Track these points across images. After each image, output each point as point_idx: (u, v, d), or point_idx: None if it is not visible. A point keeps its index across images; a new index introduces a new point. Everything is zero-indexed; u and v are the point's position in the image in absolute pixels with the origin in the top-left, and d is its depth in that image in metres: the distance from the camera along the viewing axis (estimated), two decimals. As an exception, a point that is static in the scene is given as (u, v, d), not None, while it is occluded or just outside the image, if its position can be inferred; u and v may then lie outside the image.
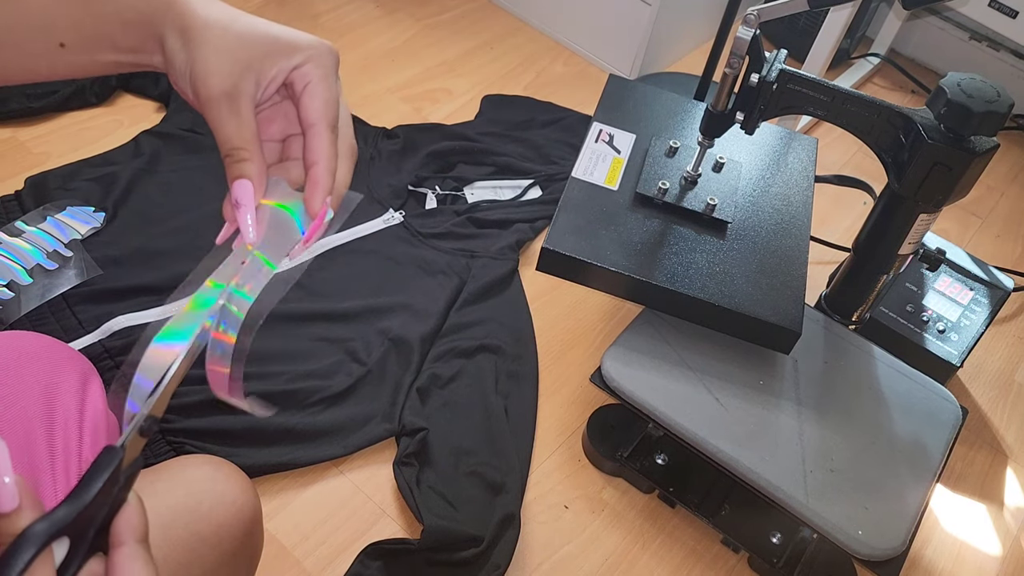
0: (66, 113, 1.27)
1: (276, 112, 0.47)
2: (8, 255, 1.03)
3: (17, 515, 0.33)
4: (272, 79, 0.44)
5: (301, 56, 0.44)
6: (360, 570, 0.86)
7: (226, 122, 0.42)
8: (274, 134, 0.48)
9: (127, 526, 0.36)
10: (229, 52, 0.42)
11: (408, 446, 0.94)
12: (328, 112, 0.45)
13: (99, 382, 0.58)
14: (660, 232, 0.97)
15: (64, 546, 0.34)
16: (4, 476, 0.33)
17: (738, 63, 0.89)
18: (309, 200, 0.44)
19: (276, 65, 0.43)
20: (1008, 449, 1.13)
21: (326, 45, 0.45)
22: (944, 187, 0.90)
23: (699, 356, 0.95)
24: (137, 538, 0.36)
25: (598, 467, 1.01)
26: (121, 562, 0.35)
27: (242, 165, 0.43)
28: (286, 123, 0.48)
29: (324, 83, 0.45)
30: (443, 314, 1.08)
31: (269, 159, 0.47)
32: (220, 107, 0.42)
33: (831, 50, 1.41)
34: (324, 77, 0.45)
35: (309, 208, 0.44)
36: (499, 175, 1.31)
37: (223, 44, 0.42)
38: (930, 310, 1.13)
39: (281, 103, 0.47)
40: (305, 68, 0.44)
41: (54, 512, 0.33)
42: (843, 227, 1.39)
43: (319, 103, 0.44)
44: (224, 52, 0.42)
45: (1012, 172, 1.59)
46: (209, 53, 0.42)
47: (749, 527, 0.93)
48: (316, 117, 0.44)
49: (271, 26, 0.44)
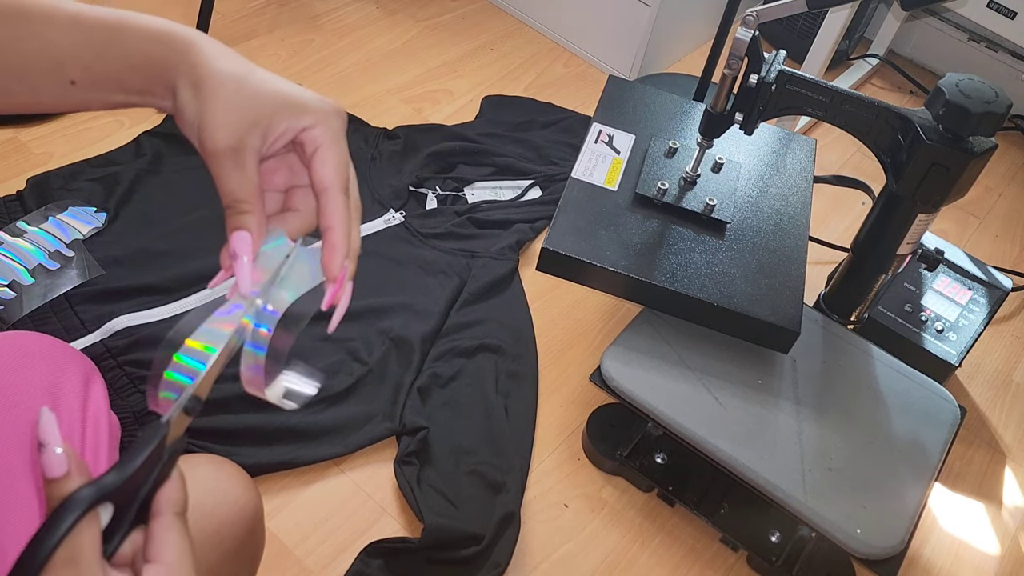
0: (67, 113, 1.27)
1: (280, 163, 0.48)
2: (10, 255, 1.04)
3: (66, 480, 0.35)
4: (279, 136, 0.45)
5: (310, 117, 0.45)
6: (361, 568, 0.86)
7: (230, 176, 0.43)
8: (277, 184, 0.49)
9: (167, 499, 0.39)
10: (239, 108, 0.43)
11: (409, 445, 0.94)
12: (340, 176, 0.46)
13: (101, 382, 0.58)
14: (659, 232, 0.98)
15: (109, 511, 0.37)
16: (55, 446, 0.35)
17: (737, 64, 0.89)
18: (328, 264, 0.46)
19: (284, 123, 0.44)
20: (1006, 448, 1.14)
21: (334, 107, 0.46)
22: (942, 187, 0.91)
23: (698, 356, 0.95)
24: (175, 511, 0.38)
25: (598, 466, 1.01)
26: (158, 531, 0.38)
27: (243, 217, 0.44)
28: (289, 174, 0.49)
29: (335, 147, 0.46)
30: (443, 314, 1.09)
31: (271, 209, 0.48)
32: (225, 161, 0.43)
33: (830, 51, 1.42)
34: (334, 140, 0.46)
35: (328, 272, 0.46)
36: (499, 176, 1.31)
37: (234, 100, 0.43)
38: (928, 310, 1.13)
39: (286, 155, 0.48)
40: (316, 132, 0.45)
41: (101, 479, 0.36)
42: (842, 227, 1.40)
43: (331, 168, 0.45)
44: (234, 108, 0.43)
45: (1010, 172, 1.60)
46: (219, 108, 0.43)
47: (748, 526, 0.93)
48: (329, 181, 0.45)
49: (282, 83, 0.45)
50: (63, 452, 0.35)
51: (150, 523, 0.38)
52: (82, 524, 0.34)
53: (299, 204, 0.48)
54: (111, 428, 0.56)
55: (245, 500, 0.58)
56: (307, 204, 0.48)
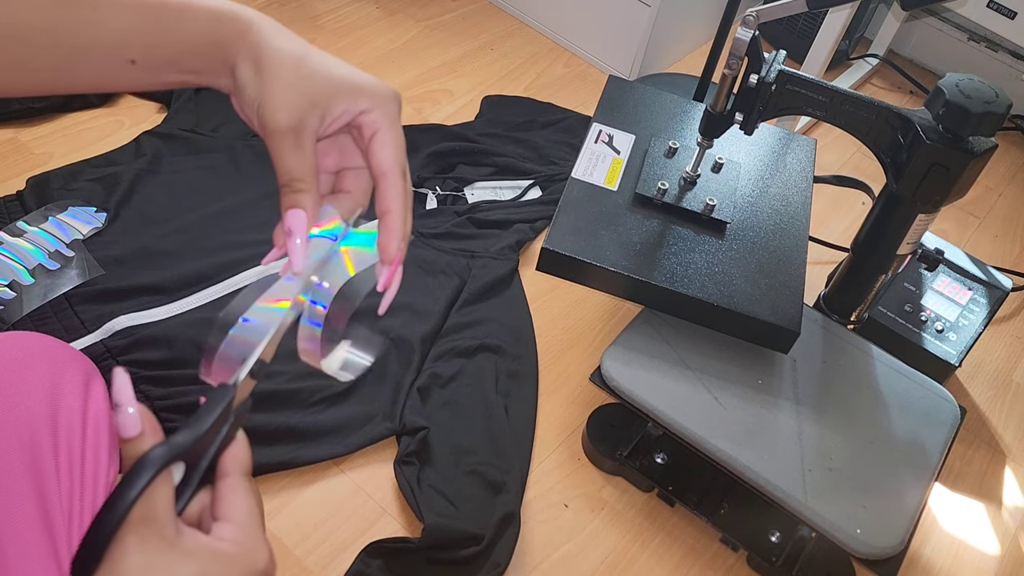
0: (68, 114, 1.27)
1: (332, 146, 0.49)
2: (10, 255, 1.04)
3: (140, 440, 0.37)
4: (337, 118, 0.45)
5: (367, 100, 0.45)
6: (361, 568, 0.86)
7: (288, 155, 0.44)
8: (328, 166, 0.49)
9: (233, 460, 0.40)
10: (299, 88, 0.43)
11: (409, 445, 0.94)
12: (400, 160, 0.46)
13: (101, 382, 0.58)
14: (659, 232, 0.98)
15: (180, 470, 0.38)
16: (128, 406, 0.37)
17: (737, 64, 0.89)
18: (385, 247, 0.46)
19: (342, 105, 0.45)
20: (1006, 448, 1.14)
21: (391, 90, 0.47)
22: (942, 187, 0.91)
23: (698, 355, 0.95)
24: (242, 471, 0.40)
25: (598, 466, 1.01)
26: (226, 491, 0.39)
27: (299, 196, 0.44)
28: (341, 157, 0.49)
29: (392, 130, 0.46)
30: (443, 314, 1.09)
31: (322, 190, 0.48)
32: (284, 140, 0.43)
33: (830, 51, 1.42)
34: (392, 124, 0.46)
35: (385, 254, 0.47)
36: (499, 176, 1.31)
37: (294, 79, 0.43)
38: (928, 310, 1.13)
39: (338, 137, 0.48)
40: (374, 115, 0.46)
41: (172, 439, 0.37)
42: (842, 227, 1.40)
43: (391, 152, 0.46)
44: (294, 88, 0.43)
45: (1010, 172, 1.60)
46: (279, 87, 0.43)
47: (748, 526, 0.93)
48: (389, 166, 0.46)
49: (341, 65, 0.45)
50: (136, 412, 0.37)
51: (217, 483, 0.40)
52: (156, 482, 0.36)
53: (350, 186, 0.49)
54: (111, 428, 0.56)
55: None
56: (357, 186, 0.49)
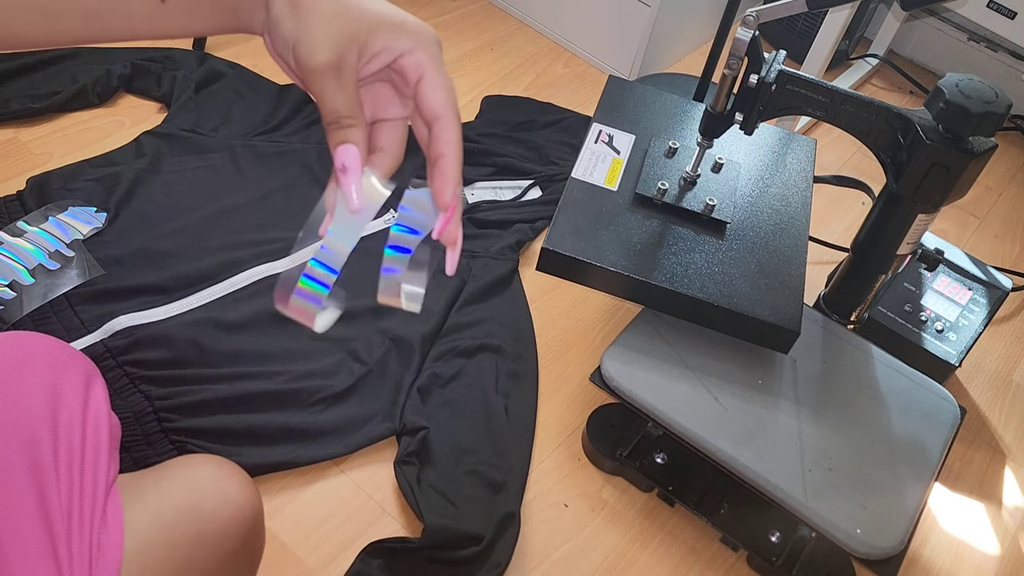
0: (68, 114, 1.27)
1: (367, 94, 0.47)
2: (10, 255, 1.04)
3: None
4: (376, 56, 0.43)
5: (409, 40, 0.43)
6: (361, 568, 0.86)
7: (333, 93, 0.42)
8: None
9: None
10: (337, 23, 0.42)
11: (409, 445, 0.94)
12: (452, 102, 0.45)
13: (102, 382, 0.58)
14: (659, 232, 0.98)
15: None
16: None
17: (737, 64, 0.89)
18: (440, 192, 0.45)
19: (382, 42, 0.43)
20: (1006, 448, 1.14)
21: (431, 31, 0.45)
22: (942, 187, 0.91)
23: (698, 355, 0.95)
24: None
25: (598, 466, 1.01)
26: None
27: (349, 131, 0.43)
28: (375, 107, 0.47)
29: (441, 72, 0.44)
30: (444, 314, 1.09)
31: None
32: (326, 79, 0.42)
33: (830, 51, 1.42)
34: (438, 65, 0.44)
35: (439, 200, 0.45)
36: (499, 176, 1.31)
37: (330, 15, 0.42)
38: (928, 310, 1.13)
39: (372, 85, 0.47)
40: (418, 56, 0.44)
41: None
42: (842, 227, 1.40)
43: (442, 94, 0.44)
44: (332, 23, 0.41)
45: (1010, 172, 1.60)
46: (317, 24, 0.41)
47: (748, 526, 0.93)
48: (443, 108, 0.44)
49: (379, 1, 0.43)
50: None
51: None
52: None
53: (384, 142, 0.47)
54: (111, 428, 0.56)
55: (245, 500, 0.58)
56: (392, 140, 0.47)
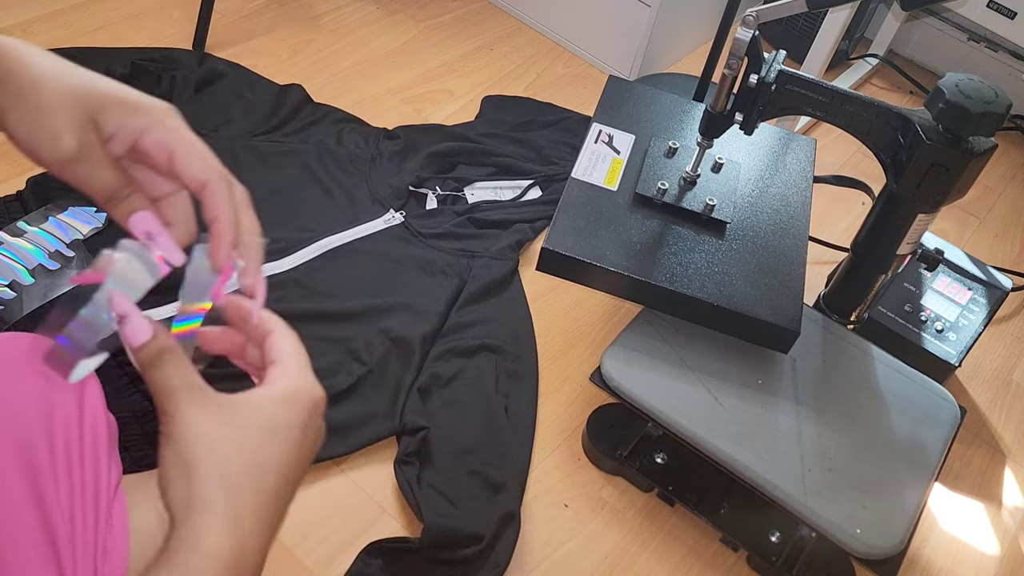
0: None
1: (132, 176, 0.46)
2: (10, 255, 1.04)
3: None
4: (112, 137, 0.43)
5: (144, 118, 0.43)
6: (361, 568, 0.86)
7: (94, 175, 0.42)
8: None
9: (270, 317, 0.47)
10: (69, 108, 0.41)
11: (409, 445, 0.94)
12: (213, 166, 0.44)
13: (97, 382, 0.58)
14: (659, 232, 0.98)
15: None
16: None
17: (737, 64, 0.89)
18: (214, 254, 0.44)
19: (114, 122, 0.42)
20: (1006, 448, 1.14)
21: (164, 104, 0.44)
22: (942, 187, 0.91)
23: (698, 355, 0.95)
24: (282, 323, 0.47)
25: (598, 466, 1.01)
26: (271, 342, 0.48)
27: (130, 200, 0.43)
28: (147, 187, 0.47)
29: (188, 142, 0.44)
30: (444, 314, 1.09)
31: None
32: (81, 162, 0.41)
33: (830, 51, 1.42)
34: (183, 137, 0.44)
35: (215, 262, 0.44)
36: (499, 176, 1.31)
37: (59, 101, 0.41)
38: (928, 310, 1.13)
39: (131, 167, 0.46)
40: (158, 136, 0.43)
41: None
42: (841, 227, 1.40)
43: (200, 162, 0.44)
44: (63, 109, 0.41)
45: (1010, 172, 1.60)
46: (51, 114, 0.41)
47: (748, 526, 0.93)
48: (205, 174, 0.43)
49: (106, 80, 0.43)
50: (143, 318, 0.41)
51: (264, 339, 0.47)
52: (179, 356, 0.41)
53: (170, 216, 0.46)
54: (109, 428, 0.56)
55: None
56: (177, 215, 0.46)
